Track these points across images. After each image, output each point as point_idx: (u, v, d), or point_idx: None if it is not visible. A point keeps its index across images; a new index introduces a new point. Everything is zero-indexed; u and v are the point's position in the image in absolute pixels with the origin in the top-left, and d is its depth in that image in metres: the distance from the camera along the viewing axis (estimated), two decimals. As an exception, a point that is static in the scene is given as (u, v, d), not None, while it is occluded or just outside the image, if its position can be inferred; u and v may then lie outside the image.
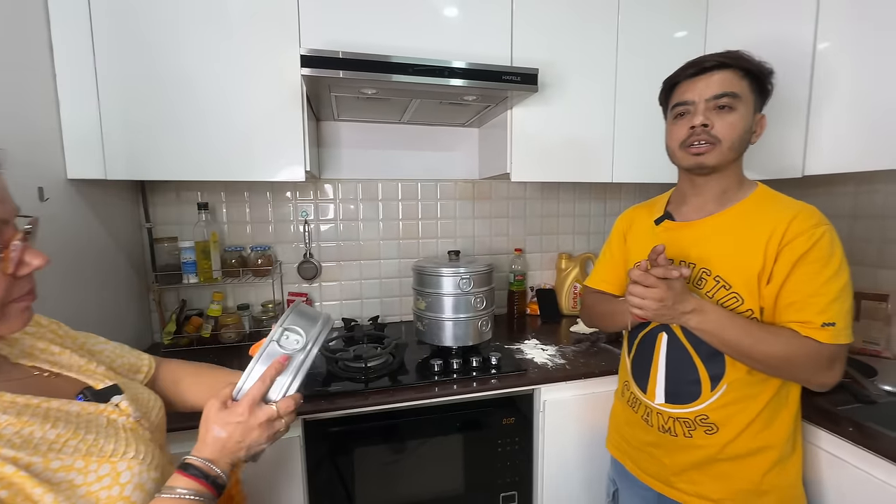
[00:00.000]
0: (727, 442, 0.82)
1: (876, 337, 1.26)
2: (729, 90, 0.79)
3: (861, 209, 1.34)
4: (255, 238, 1.55)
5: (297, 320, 0.65)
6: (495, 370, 1.20)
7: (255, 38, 1.15)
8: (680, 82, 0.85)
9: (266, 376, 0.59)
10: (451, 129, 1.68)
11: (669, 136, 0.88)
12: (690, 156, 0.83)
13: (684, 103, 0.83)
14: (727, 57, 0.80)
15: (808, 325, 0.75)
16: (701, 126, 0.80)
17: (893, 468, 0.79)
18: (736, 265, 0.80)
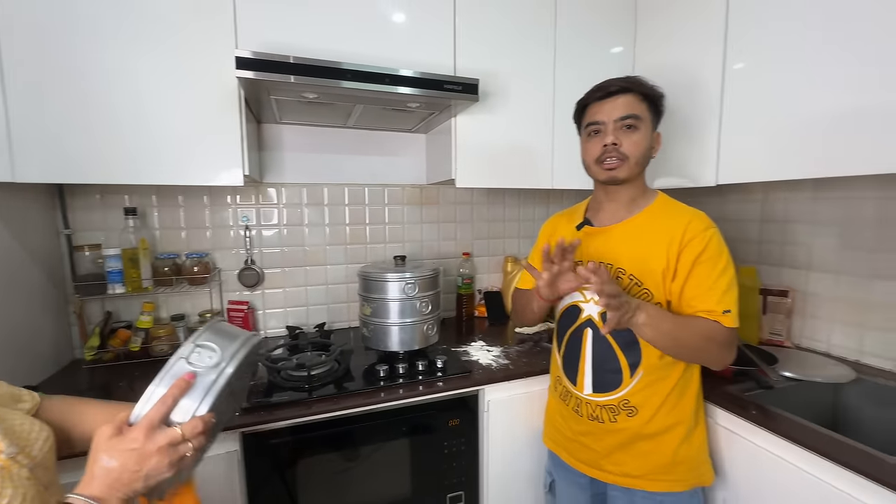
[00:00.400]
0: (645, 422, 0.92)
1: (779, 329, 1.41)
2: (632, 112, 0.90)
3: (767, 214, 1.50)
4: (190, 244, 1.48)
5: (213, 337, 0.61)
6: (441, 373, 1.22)
7: (187, 35, 1.11)
8: (590, 104, 0.95)
9: (167, 396, 0.54)
10: (398, 134, 1.69)
11: (585, 153, 0.98)
12: (604, 171, 0.93)
13: (596, 123, 0.93)
14: (628, 82, 0.91)
15: (713, 312, 0.86)
16: (612, 144, 0.90)
17: (787, 444, 0.89)
18: (645, 265, 0.90)
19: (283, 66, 0.99)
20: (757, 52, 1.17)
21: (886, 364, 1.20)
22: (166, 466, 0.51)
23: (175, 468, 0.53)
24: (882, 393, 1.12)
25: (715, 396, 1.06)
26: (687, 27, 1.37)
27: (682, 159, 1.39)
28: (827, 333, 1.33)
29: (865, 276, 1.23)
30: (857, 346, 1.26)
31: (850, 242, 1.27)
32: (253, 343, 0.65)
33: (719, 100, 1.27)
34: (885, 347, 1.20)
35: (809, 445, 0.85)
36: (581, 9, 1.49)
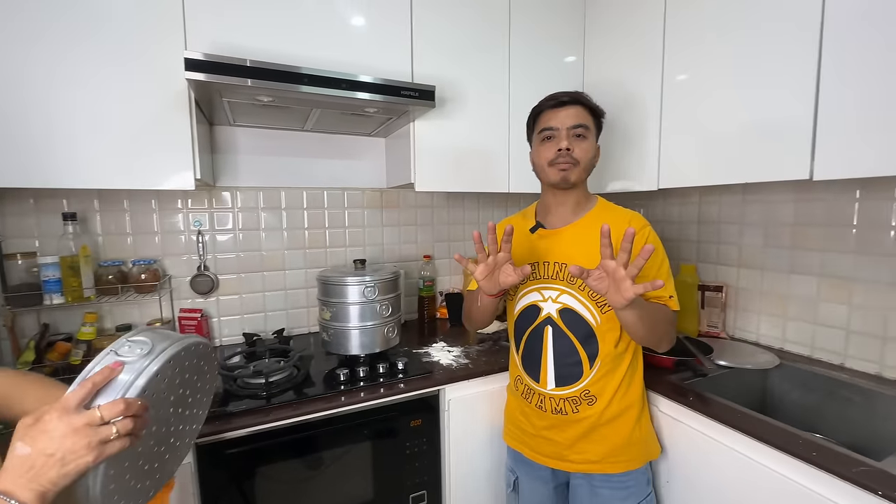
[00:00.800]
0: (604, 408, 0.99)
1: (715, 321, 1.53)
2: (583, 122, 0.98)
3: (704, 216, 1.63)
4: (138, 251, 1.41)
5: (148, 334, 0.60)
6: (402, 374, 1.23)
7: (131, 33, 1.07)
8: (544, 111, 1.02)
9: (87, 381, 0.51)
10: (357, 137, 1.69)
11: (538, 156, 1.03)
12: (557, 171, 0.99)
13: (550, 129, 1.00)
14: (578, 95, 1.00)
15: (661, 298, 0.95)
16: (566, 150, 0.97)
17: (720, 427, 0.98)
18: (596, 262, 0.94)
19: (235, 69, 0.97)
20: (689, 69, 1.28)
21: (804, 350, 1.33)
22: (84, 448, 0.48)
23: (95, 452, 0.49)
24: (800, 376, 1.25)
25: (658, 386, 1.14)
26: (629, 44, 1.47)
27: (629, 164, 1.49)
28: (756, 324, 1.47)
29: (785, 271, 1.37)
30: (780, 335, 1.40)
31: (771, 241, 1.41)
32: (190, 342, 0.63)
33: (658, 111, 1.37)
34: (802, 335, 1.34)
35: (738, 426, 0.94)
36: (532, 23, 1.56)
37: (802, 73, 1.01)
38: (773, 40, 1.07)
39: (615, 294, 0.79)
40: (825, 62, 0.97)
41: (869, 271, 1.18)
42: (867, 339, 1.19)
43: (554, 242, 1.03)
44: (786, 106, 1.05)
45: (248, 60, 1.00)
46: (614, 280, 0.79)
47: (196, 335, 0.67)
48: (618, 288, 0.78)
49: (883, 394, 1.10)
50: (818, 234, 1.29)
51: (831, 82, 0.97)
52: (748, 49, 1.13)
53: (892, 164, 0.89)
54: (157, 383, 0.57)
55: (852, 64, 0.93)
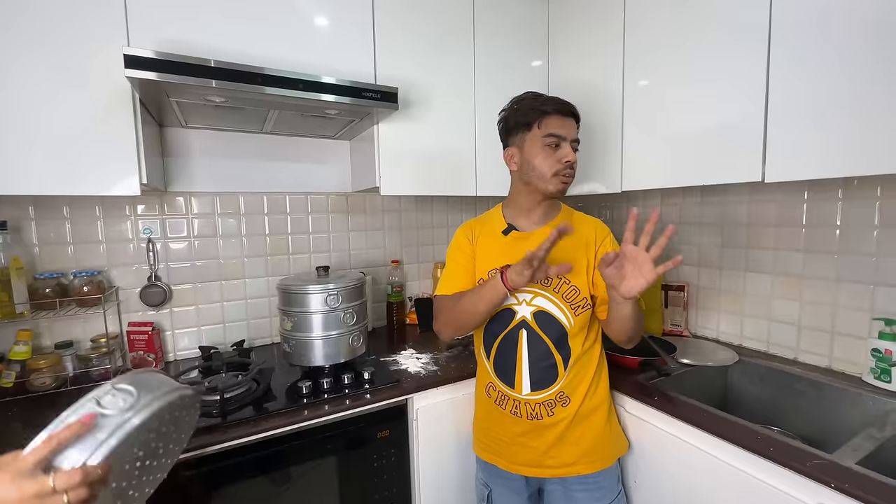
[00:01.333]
0: (577, 408, 1.00)
1: (678, 320, 1.57)
2: (578, 137, 1.01)
3: (665, 218, 1.67)
4: (81, 262, 1.31)
5: (136, 381, 0.55)
6: (368, 384, 1.19)
7: (66, 24, 0.99)
8: (552, 115, 0.97)
9: (53, 437, 0.48)
10: (321, 140, 1.64)
11: (543, 163, 0.97)
12: (560, 184, 0.98)
13: (558, 136, 0.97)
14: (574, 109, 1.01)
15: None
16: (573, 162, 0.98)
17: (683, 425, 1.00)
18: (573, 263, 0.93)
19: (180, 67, 0.91)
20: (649, 74, 1.31)
21: (761, 346, 1.38)
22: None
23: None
24: (758, 371, 1.30)
25: (624, 386, 1.15)
26: (591, 49, 1.49)
27: (594, 168, 1.51)
28: (716, 322, 1.51)
29: (741, 269, 1.42)
30: (738, 332, 1.45)
31: (729, 241, 1.45)
32: (177, 396, 0.58)
33: (620, 115, 1.40)
34: (758, 332, 1.39)
35: (701, 425, 0.96)
36: (497, 28, 1.56)
37: (752, 80, 1.05)
38: (724, 48, 1.11)
39: (635, 278, 0.79)
40: (773, 70, 1.01)
41: (817, 268, 1.24)
42: (817, 333, 1.25)
43: (528, 245, 0.99)
44: (738, 111, 1.09)
45: (193, 58, 0.94)
46: (637, 262, 0.79)
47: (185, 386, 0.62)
48: (640, 271, 0.78)
49: (832, 385, 1.15)
50: (771, 233, 1.34)
51: (779, 88, 1.01)
52: (701, 56, 1.16)
53: (835, 167, 0.93)
54: (130, 443, 0.52)
55: (797, 72, 0.97)
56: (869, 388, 1.10)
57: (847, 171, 0.92)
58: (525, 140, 1.00)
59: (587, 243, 1.01)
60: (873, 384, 1.10)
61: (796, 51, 0.97)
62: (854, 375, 1.17)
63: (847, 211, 1.17)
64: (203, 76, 0.93)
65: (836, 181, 1.19)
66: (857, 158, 0.89)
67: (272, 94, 1.04)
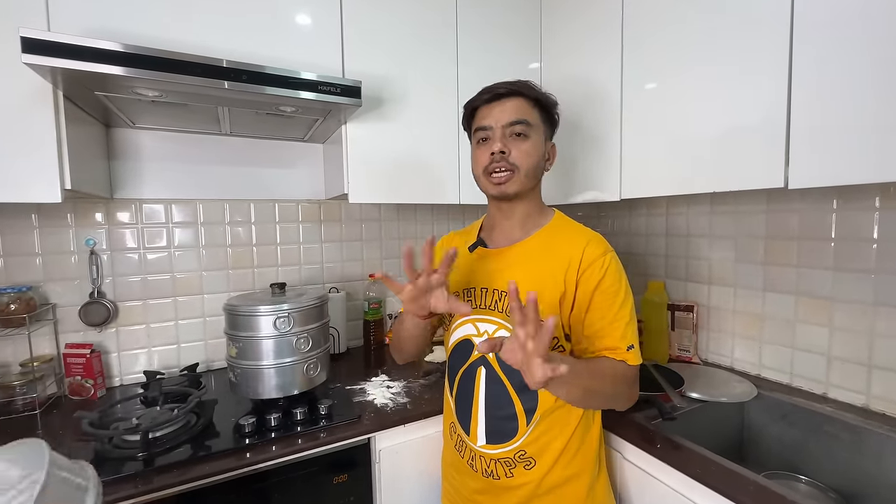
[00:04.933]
0: (544, 474, 0.80)
1: (686, 344, 1.39)
2: (522, 117, 0.81)
3: (672, 228, 1.50)
4: (12, 276, 1.17)
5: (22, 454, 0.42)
6: (324, 421, 1.03)
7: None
8: (479, 107, 0.85)
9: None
10: (289, 143, 1.50)
11: (475, 162, 0.86)
12: (493, 185, 0.83)
13: (484, 128, 0.83)
14: (517, 85, 0.82)
15: (617, 350, 0.77)
16: (500, 153, 0.80)
17: (697, 485, 0.81)
18: (540, 293, 0.77)
19: (88, 53, 0.78)
20: (650, 71, 1.15)
21: (783, 377, 1.20)
22: None
23: None
24: (780, 408, 1.11)
25: (622, 429, 0.97)
26: (587, 45, 1.34)
27: (591, 174, 1.35)
28: (730, 348, 1.33)
29: (759, 288, 1.24)
30: (756, 360, 1.26)
31: (743, 255, 1.28)
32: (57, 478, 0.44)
33: (619, 118, 1.24)
34: (779, 360, 1.20)
35: (715, 486, 0.78)
36: (483, 16, 1.42)
37: (774, 75, 0.88)
38: (737, 41, 0.95)
39: (527, 372, 0.61)
40: (797, 62, 0.85)
41: (850, 289, 1.06)
42: (851, 366, 1.06)
43: (495, 265, 0.85)
44: (756, 108, 0.92)
45: (112, 43, 0.80)
46: (524, 355, 0.60)
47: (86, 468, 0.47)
48: (528, 367, 0.60)
49: (871, 430, 0.96)
50: (793, 247, 1.16)
51: (804, 83, 0.84)
52: (711, 49, 1.00)
53: (872, 171, 0.77)
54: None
55: (826, 63, 0.81)
56: (918, 435, 0.92)
57: (886, 175, 0.75)
58: (471, 145, 0.89)
59: (569, 265, 0.78)
60: (923, 430, 0.92)
61: (822, 39, 0.81)
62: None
63: (886, 222, 1.00)
64: (114, 63, 0.79)
65: (871, 187, 1.01)
66: None
67: (202, 87, 0.90)
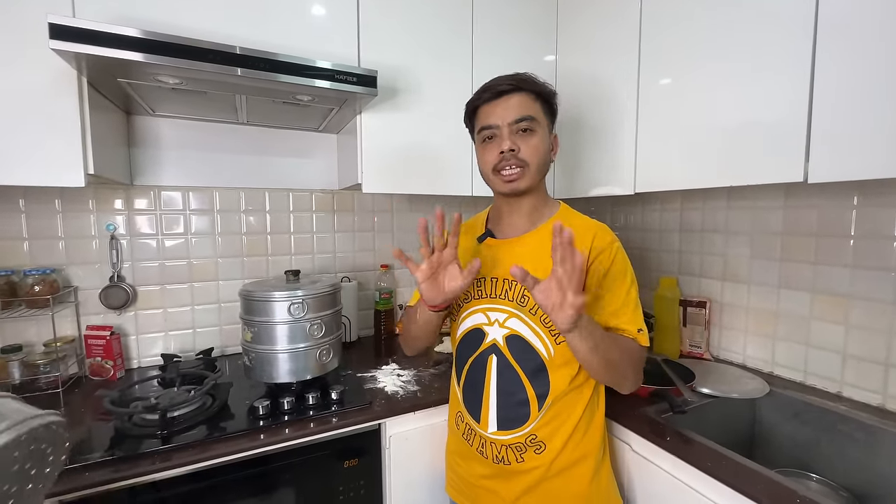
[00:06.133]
0: (554, 457, 0.82)
1: (698, 340, 1.38)
2: (527, 114, 0.81)
3: (686, 224, 1.48)
4: (35, 259, 1.21)
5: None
6: (336, 406, 1.05)
7: None
8: (480, 106, 0.84)
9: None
10: (304, 133, 1.51)
11: (482, 161, 0.86)
12: (504, 182, 0.83)
13: (489, 127, 0.82)
14: (518, 80, 0.82)
15: (627, 332, 0.79)
16: (509, 151, 0.80)
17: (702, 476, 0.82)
18: None
19: (113, 39, 0.79)
20: (667, 67, 1.14)
21: (796, 375, 1.18)
22: None
23: None
24: (793, 406, 1.10)
25: (631, 421, 0.98)
26: (602, 39, 1.33)
27: (604, 167, 1.34)
28: (742, 344, 1.32)
29: (774, 285, 1.22)
30: (769, 357, 1.25)
31: (759, 252, 1.26)
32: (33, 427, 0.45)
33: (635, 110, 1.23)
34: (792, 358, 1.19)
35: (726, 479, 0.78)
36: (499, 12, 1.41)
37: (795, 65, 0.87)
38: (761, 30, 0.93)
39: (559, 310, 0.64)
40: (819, 57, 0.84)
41: (868, 287, 1.04)
42: (867, 364, 1.05)
43: (504, 255, 0.86)
44: (777, 100, 0.91)
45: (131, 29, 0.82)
46: (560, 290, 0.64)
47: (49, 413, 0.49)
48: (562, 302, 0.64)
49: (887, 430, 0.95)
50: (811, 244, 1.15)
51: (827, 78, 0.83)
52: (731, 42, 0.99)
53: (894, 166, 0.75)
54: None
55: (849, 59, 0.80)
56: (935, 435, 0.90)
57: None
58: (475, 144, 0.89)
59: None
60: (940, 431, 0.91)
61: (846, 33, 0.80)
62: (914, 418, 0.97)
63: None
64: (137, 50, 0.81)
65: (893, 182, 0.99)
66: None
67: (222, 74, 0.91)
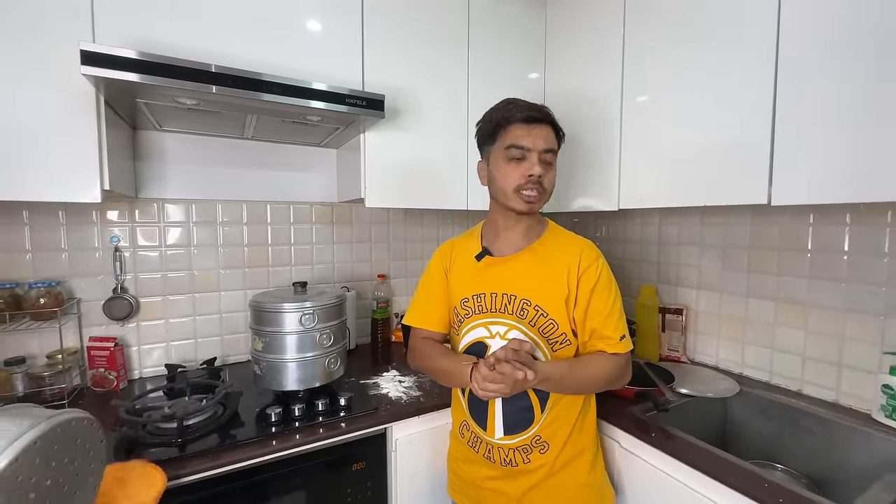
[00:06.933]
0: (557, 455, 0.90)
1: (676, 345, 1.50)
2: (553, 146, 0.89)
3: (664, 237, 1.60)
4: (39, 271, 1.22)
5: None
6: (344, 412, 1.10)
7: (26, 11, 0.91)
8: (514, 123, 0.87)
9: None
10: (306, 148, 1.57)
11: (505, 178, 0.88)
12: (524, 202, 0.88)
13: (521, 147, 0.86)
14: (548, 114, 0.89)
15: (610, 340, 0.87)
16: (538, 177, 0.86)
17: (681, 466, 0.91)
18: (548, 295, 0.88)
19: (145, 66, 0.84)
20: (649, 89, 1.26)
21: (763, 375, 1.31)
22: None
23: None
24: (760, 403, 1.22)
25: (619, 419, 1.07)
26: (590, 62, 1.44)
27: (592, 183, 1.45)
28: (715, 348, 1.44)
29: (742, 294, 1.35)
30: (739, 360, 1.37)
31: (729, 264, 1.39)
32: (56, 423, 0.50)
33: (619, 130, 1.34)
34: (759, 360, 1.32)
35: (702, 468, 0.88)
36: (492, 36, 1.51)
37: (759, 100, 0.99)
38: (728, 66, 1.05)
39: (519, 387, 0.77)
40: (780, 90, 0.96)
41: (823, 297, 1.17)
42: (823, 365, 1.18)
43: (502, 271, 0.93)
44: (743, 131, 1.03)
45: (160, 56, 0.87)
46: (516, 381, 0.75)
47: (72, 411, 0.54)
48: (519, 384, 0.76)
49: (840, 423, 1.08)
50: (774, 257, 1.28)
51: (787, 108, 0.95)
52: (704, 74, 1.11)
53: (846, 192, 0.88)
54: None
55: (805, 93, 0.92)
56: (880, 427, 1.03)
57: (856, 196, 0.87)
58: (491, 152, 0.92)
59: (569, 269, 0.89)
60: (884, 423, 1.03)
61: (804, 72, 0.92)
62: (863, 412, 1.09)
63: (856, 237, 1.11)
64: (170, 76, 0.86)
65: (844, 206, 1.13)
66: (866, 183, 0.84)
67: (249, 99, 0.97)
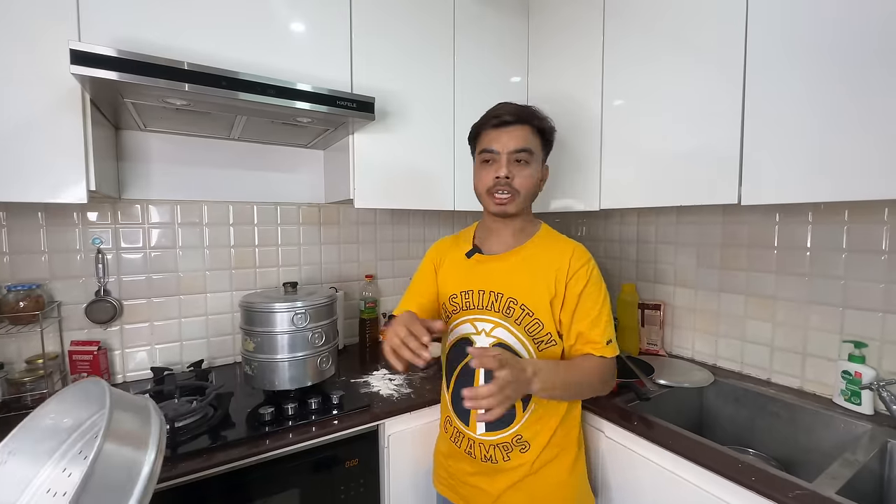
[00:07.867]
0: (537, 455, 0.91)
1: (654, 339, 1.56)
2: (526, 146, 0.90)
3: (642, 236, 1.67)
4: (17, 274, 1.19)
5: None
6: (337, 410, 1.12)
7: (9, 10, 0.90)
8: (485, 129, 0.93)
9: None
10: (293, 149, 1.57)
11: (478, 180, 0.95)
12: (495, 204, 0.92)
13: (490, 151, 0.91)
14: (524, 114, 0.91)
15: (597, 344, 0.89)
16: (504, 178, 0.89)
17: (663, 451, 0.97)
18: (534, 295, 0.91)
19: (136, 66, 0.84)
20: (626, 94, 1.32)
21: (735, 366, 1.39)
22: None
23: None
24: (733, 392, 1.30)
25: (604, 410, 1.11)
26: (571, 66, 1.50)
27: (574, 183, 1.50)
28: (691, 341, 1.51)
29: (715, 289, 1.43)
30: (713, 352, 1.45)
31: (703, 261, 1.46)
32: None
33: (599, 133, 1.40)
34: (732, 352, 1.39)
35: (681, 452, 0.93)
36: (476, 41, 1.55)
37: (728, 104, 1.06)
38: (699, 72, 1.12)
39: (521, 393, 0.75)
40: (749, 96, 1.03)
41: (789, 290, 1.26)
42: (789, 354, 1.26)
43: (491, 270, 0.96)
44: (714, 134, 1.09)
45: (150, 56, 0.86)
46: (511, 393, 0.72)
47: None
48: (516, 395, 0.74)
49: (804, 407, 1.15)
50: (744, 254, 1.36)
51: (754, 115, 1.02)
52: (677, 79, 1.17)
53: (808, 193, 0.95)
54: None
55: (771, 99, 0.99)
56: (840, 410, 1.11)
57: (816, 196, 0.94)
58: (474, 158, 0.99)
59: (558, 271, 0.90)
60: (844, 406, 1.11)
61: (770, 79, 0.99)
62: (825, 397, 1.18)
63: (817, 234, 1.20)
64: (159, 76, 0.86)
65: (806, 205, 1.21)
66: (825, 184, 0.91)
67: (241, 100, 0.97)
